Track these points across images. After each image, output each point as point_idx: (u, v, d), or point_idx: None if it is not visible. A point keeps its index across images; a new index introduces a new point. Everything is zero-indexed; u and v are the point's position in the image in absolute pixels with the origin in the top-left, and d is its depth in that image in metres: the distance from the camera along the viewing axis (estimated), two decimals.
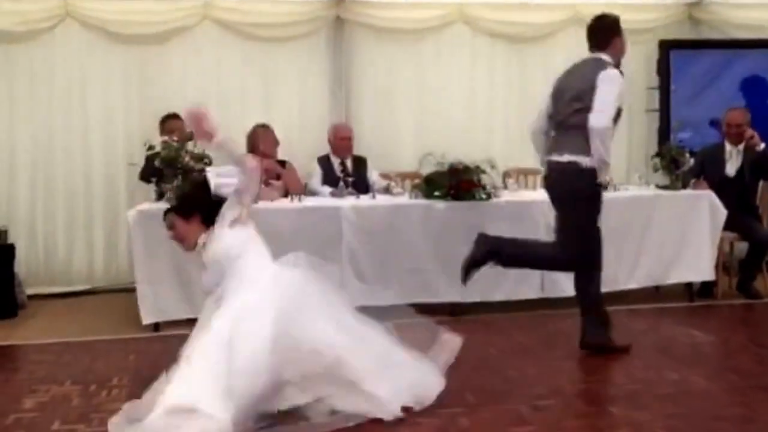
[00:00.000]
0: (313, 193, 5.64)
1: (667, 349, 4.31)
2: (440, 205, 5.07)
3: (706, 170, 5.74)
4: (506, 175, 6.01)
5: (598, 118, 3.96)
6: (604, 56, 4.19)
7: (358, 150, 6.06)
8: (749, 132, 5.68)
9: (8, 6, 5.69)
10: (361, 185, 5.68)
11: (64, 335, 4.75)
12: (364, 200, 5.19)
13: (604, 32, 4.22)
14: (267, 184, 5.34)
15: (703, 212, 5.42)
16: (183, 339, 4.54)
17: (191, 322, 4.68)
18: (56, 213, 6.07)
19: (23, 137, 6.02)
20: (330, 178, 5.77)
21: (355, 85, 6.53)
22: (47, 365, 4.08)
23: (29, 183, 6.04)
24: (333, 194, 5.46)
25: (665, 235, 5.37)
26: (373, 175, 5.91)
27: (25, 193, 6.03)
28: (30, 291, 5.71)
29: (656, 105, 6.83)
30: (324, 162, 5.88)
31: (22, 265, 5.66)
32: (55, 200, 6.07)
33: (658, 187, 5.65)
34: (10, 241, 5.52)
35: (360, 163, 5.95)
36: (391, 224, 5.01)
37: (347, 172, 5.83)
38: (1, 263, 5.32)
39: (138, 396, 3.55)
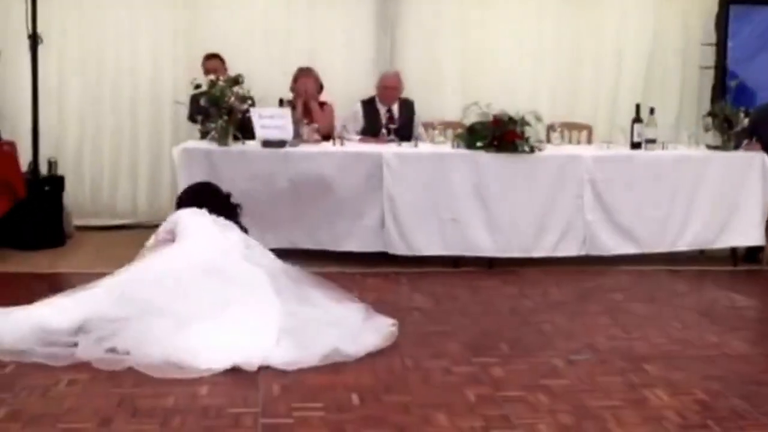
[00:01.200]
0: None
1: (707, 312, 4.26)
2: (482, 155, 5.01)
3: (760, 131, 5.55)
4: (550, 128, 5.90)
5: None
6: None
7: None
8: None
9: None
10: (407, 130, 5.61)
11: (109, 266, 4.81)
12: (406, 147, 5.15)
13: None
14: (308, 123, 5.32)
15: (754, 175, 5.27)
16: None
17: None
18: (103, 148, 6.18)
19: (73, 73, 6.09)
20: (372, 124, 5.71)
21: (401, 30, 6.42)
22: None
23: (78, 118, 6.14)
24: (362, 141, 5.41)
25: (715, 197, 5.23)
26: (419, 127, 5.83)
27: (74, 127, 6.13)
28: (76, 222, 5.84)
29: (711, 62, 6.60)
30: (368, 106, 5.80)
31: (69, 196, 5.78)
32: (103, 135, 6.17)
33: (709, 147, 5.50)
34: (59, 173, 5.63)
35: (407, 106, 5.83)
36: (432, 173, 4.98)
37: (393, 119, 5.73)
38: (51, 194, 5.44)
39: None
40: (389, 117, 5.72)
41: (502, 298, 4.45)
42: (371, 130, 5.66)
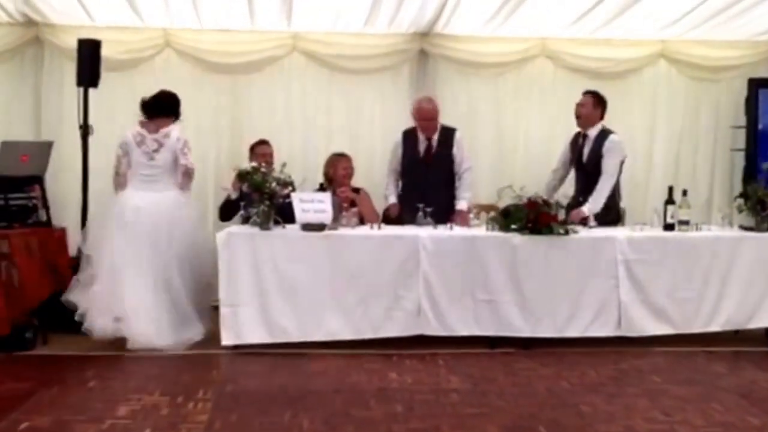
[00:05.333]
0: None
1: (748, 394, 4.22)
2: (517, 238, 5.11)
3: None
4: None
5: None
6: None
7: None
8: None
9: (113, 35, 6.06)
10: (447, 160, 5.79)
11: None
12: (442, 230, 5.27)
13: None
14: (346, 210, 5.49)
15: None
16: (263, 357, 4.76)
17: (267, 346, 4.87)
18: None
19: None
20: (412, 153, 5.83)
21: None
22: (139, 376, 4.31)
23: None
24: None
25: (749, 278, 5.25)
26: (459, 151, 5.88)
27: None
28: None
29: (741, 144, 6.69)
30: (409, 135, 5.89)
31: None
32: None
33: (742, 228, 5.54)
34: None
35: (447, 135, 5.87)
36: (468, 255, 5.07)
37: (432, 148, 5.82)
38: None
39: (222, 408, 3.75)
40: (428, 146, 5.85)
41: (539, 379, 4.46)
42: (410, 159, 5.81)
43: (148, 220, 4.99)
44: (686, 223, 5.41)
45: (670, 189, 5.51)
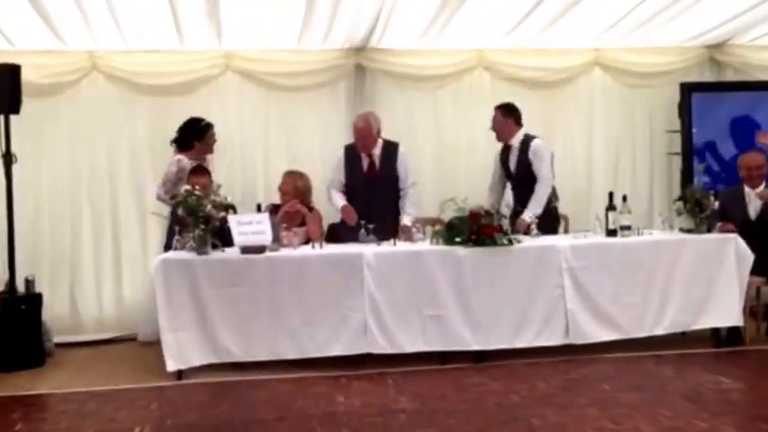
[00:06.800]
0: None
1: (695, 397, 4.23)
2: (461, 251, 5.06)
3: (728, 213, 5.68)
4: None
5: None
6: None
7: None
8: None
9: (36, 60, 5.83)
10: (390, 176, 5.73)
11: (89, 384, 4.78)
12: (386, 247, 5.19)
13: None
14: (288, 229, 5.36)
15: (729, 256, 5.34)
16: (206, 387, 4.61)
17: (214, 368, 4.74)
18: (82, 262, 6.15)
19: (49, 188, 6.13)
20: (354, 171, 5.75)
21: None
22: (71, 415, 4.09)
23: (55, 232, 6.12)
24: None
25: (691, 280, 5.29)
26: (403, 167, 5.80)
27: (51, 242, 6.11)
28: (57, 339, 5.72)
29: (677, 148, 6.78)
30: (350, 151, 5.80)
31: (48, 313, 5.68)
32: (82, 249, 6.15)
33: (682, 230, 5.60)
34: (37, 290, 5.57)
35: (389, 150, 5.80)
36: (413, 270, 5.00)
37: (374, 166, 5.75)
38: (29, 312, 5.37)
39: None
40: (370, 163, 5.77)
41: (489, 394, 4.40)
42: (352, 176, 5.73)
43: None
44: (628, 228, 5.43)
45: (611, 195, 5.53)
